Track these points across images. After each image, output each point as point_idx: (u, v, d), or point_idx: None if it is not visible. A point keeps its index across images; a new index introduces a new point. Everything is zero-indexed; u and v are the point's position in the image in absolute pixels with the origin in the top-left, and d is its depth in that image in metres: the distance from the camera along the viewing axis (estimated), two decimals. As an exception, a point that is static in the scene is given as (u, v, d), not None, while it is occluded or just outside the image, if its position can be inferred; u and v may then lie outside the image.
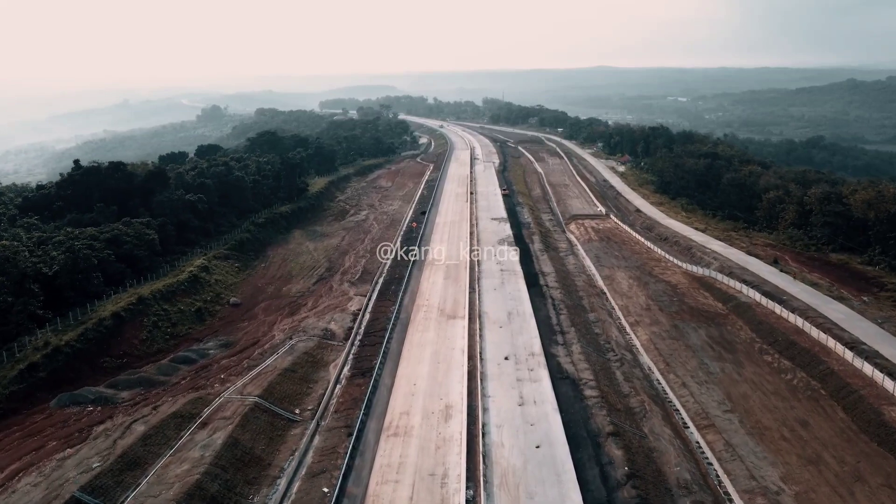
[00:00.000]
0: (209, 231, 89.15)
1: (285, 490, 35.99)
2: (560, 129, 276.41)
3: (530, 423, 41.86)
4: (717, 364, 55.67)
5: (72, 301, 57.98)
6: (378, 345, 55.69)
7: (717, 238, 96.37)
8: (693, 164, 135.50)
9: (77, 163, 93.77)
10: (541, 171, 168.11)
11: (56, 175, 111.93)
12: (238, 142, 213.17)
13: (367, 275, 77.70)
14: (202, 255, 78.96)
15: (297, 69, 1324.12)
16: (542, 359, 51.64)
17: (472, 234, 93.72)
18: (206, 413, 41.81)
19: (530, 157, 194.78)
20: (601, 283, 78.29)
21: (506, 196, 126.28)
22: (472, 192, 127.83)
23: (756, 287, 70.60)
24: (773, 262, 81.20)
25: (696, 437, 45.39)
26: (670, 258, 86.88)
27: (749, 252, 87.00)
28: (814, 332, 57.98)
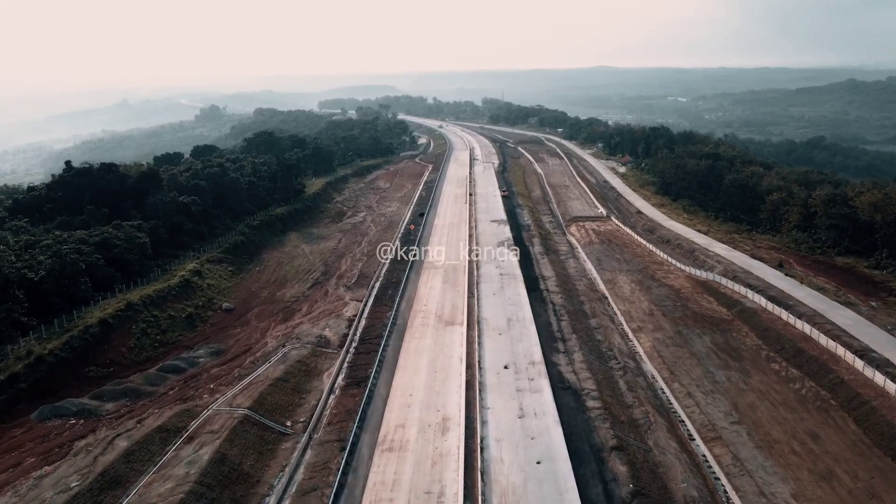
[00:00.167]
0: (203, 234, 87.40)
1: (274, 509, 34.41)
2: (560, 130, 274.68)
3: (531, 437, 40.23)
4: (722, 372, 54.04)
5: (58, 307, 56.20)
6: (374, 353, 54.05)
7: (720, 241, 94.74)
8: (694, 165, 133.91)
9: (68, 164, 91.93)
10: (541, 171, 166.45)
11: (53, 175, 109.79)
12: (236, 142, 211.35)
13: (363, 279, 76.06)
14: (195, 258, 77.18)
15: (296, 69, 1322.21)
16: (543, 367, 50.03)
17: (471, 236, 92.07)
18: (193, 426, 40.14)
19: (530, 157, 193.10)
20: (602, 287, 76.65)
21: (505, 197, 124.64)
22: (471, 194, 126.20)
23: (761, 292, 68.98)
24: (778, 265, 79.58)
25: (703, 451, 43.76)
26: (673, 261, 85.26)
27: (753, 255, 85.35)
28: (822, 339, 56.37)
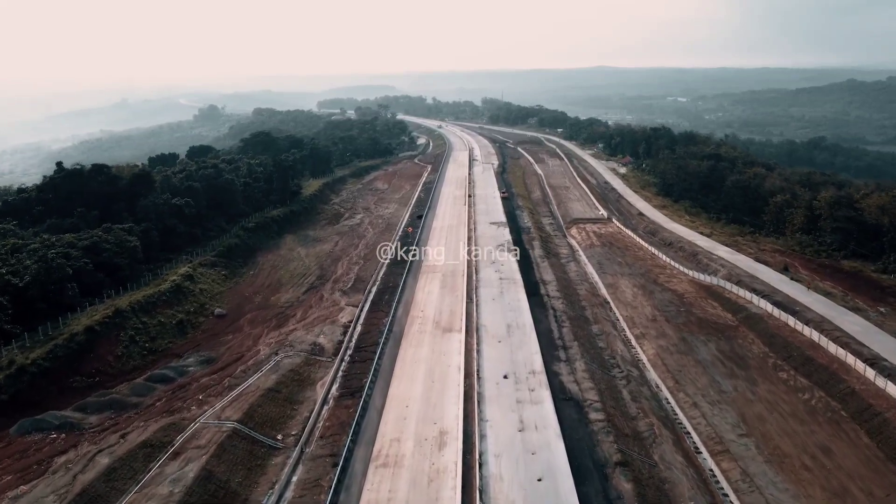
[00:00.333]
0: (196, 237, 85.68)
1: (262, 531, 32.75)
2: (560, 130, 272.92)
3: (531, 452, 38.62)
4: (729, 382, 52.40)
5: (44, 314, 54.41)
6: (369, 361, 52.34)
7: (724, 243, 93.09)
8: (696, 166, 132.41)
9: (60, 165, 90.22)
10: (541, 172, 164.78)
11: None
12: (234, 142, 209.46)
13: (359, 283, 74.36)
14: (188, 262, 75.44)
15: (296, 69, 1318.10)
16: (544, 377, 48.45)
17: (470, 238, 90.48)
18: (179, 441, 38.43)
19: (530, 158, 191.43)
20: (604, 291, 75.00)
21: (505, 199, 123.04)
22: (470, 195, 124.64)
23: (767, 297, 67.38)
24: (784, 269, 77.92)
25: (710, 465, 42.13)
26: (675, 265, 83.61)
27: (757, 259, 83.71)
28: (831, 346, 54.71)
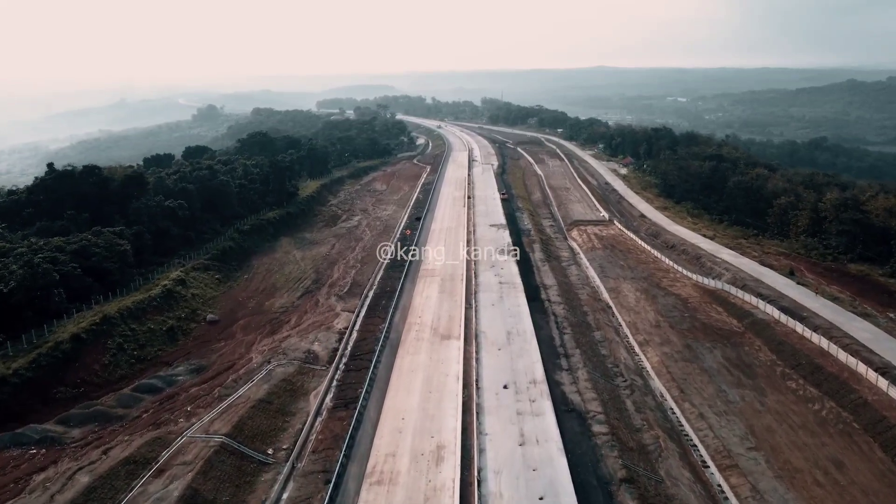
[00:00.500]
0: (190, 239, 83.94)
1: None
2: (560, 130, 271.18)
3: (532, 468, 37.00)
4: (736, 391, 50.76)
5: (29, 321, 52.68)
6: (364, 370, 50.70)
7: (727, 246, 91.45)
8: (698, 167, 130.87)
9: (51, 166, 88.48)
10: (541, 173, 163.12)
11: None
12: (232, 142, 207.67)
13: (356, 287, 72.69)
14: (180, 266, 73.73)
15: (296, 69, 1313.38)
16: (545, 387, 46.87)
17: (469, 241, 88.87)
18: (164, 457, 36.75)
19: (530, 158, 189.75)
20: (606, 296, 73.32)
21: (505, 200, 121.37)
22: (469, 197, 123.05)
23: (773, 302, 65.79)
24: (789, 273, 76.29)
25: (718, 479, 40.50)
26: (679, 268, 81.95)
27: (762, 262, 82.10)
28: (841, 354, 53.14)
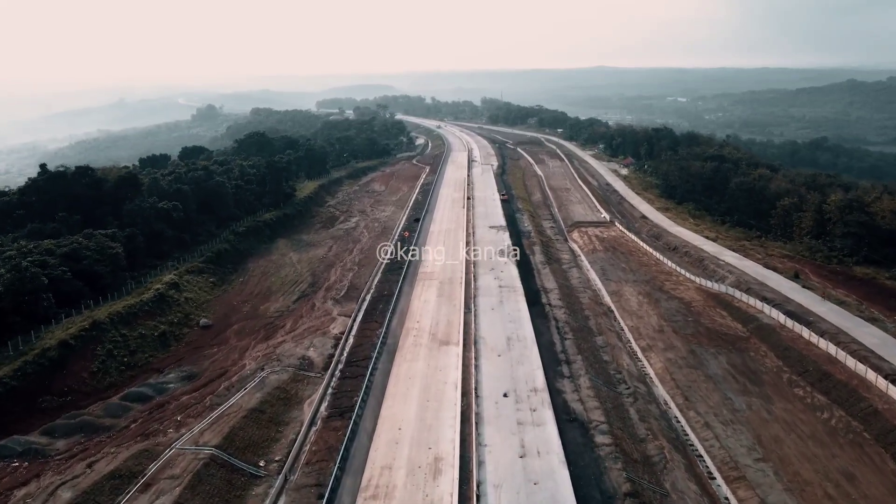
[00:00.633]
0: (185, 241, 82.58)
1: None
2: (560, 130, 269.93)
3: (534, 482, 35.68)
4: (742, 399, 49.42)
5: (16, 327, 51.32)
6: (361, 377, 49.37)
7: (730, 248, 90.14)
8: (699, 168, 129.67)
9: (43, 167, 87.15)
10: (541, 174, 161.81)
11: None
12: (231, 142, 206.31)
13: (353, 291, 71.33)
14: (174, 269, 72.39)
15: (296, 69, 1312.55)
16: (547, 395, 45.56)
17: (468, 244, 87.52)
18: (151, 471, 35.39)
19: (530, 159, 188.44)
20: (608, 300, 71.99)
21: (504, 201, 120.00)
22: (469, 198, 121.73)
23: (778, 306, 64.45)
24: (794, 276, 75.00)
25: (725, 492, 39.14)
26: (682, 271, 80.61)
27: (766, 265, 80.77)
28: (849, 361, 51.77)
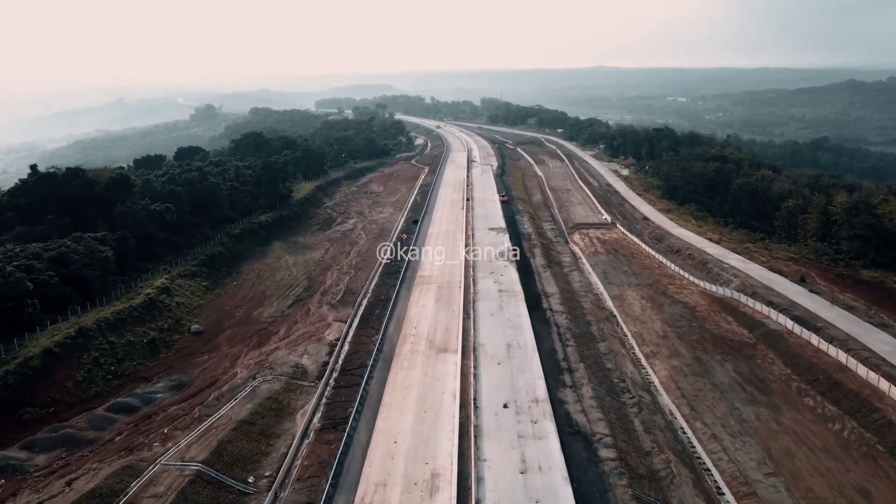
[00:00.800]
0: (178, 244, 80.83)
1: None
2: (560, 130, 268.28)
3: (535, 500, 34.06)
4: (750, 409, 47.80)
5: (1, 335, 49.70)
6: (356, 386, 47.73)
7: (734, 250, 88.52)
8: (701, 168, 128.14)
9: (34, 168, 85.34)
10: (541, 174, 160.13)
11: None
12: (229, 142, 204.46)
13: (349, 295, 69.67)
14: (166, 272, 70.69)
15: (296, 69, 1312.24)
16: (548, 406, 43.92)
17: (467, 246, 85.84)
18: (134, 489, 33.69)
19: (530, 159, 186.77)
20: (610, 304, 70.35)
21: (504, 203, 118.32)
22: (468, 199, 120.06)
23: (785, 311, 62.77)
24: (801, 279, 73.37)
25: (735, 509, 37.57)
26: (685, 274, 78.97)
27: (771, 268, 79.14)
28: (860, 369, 50.14)
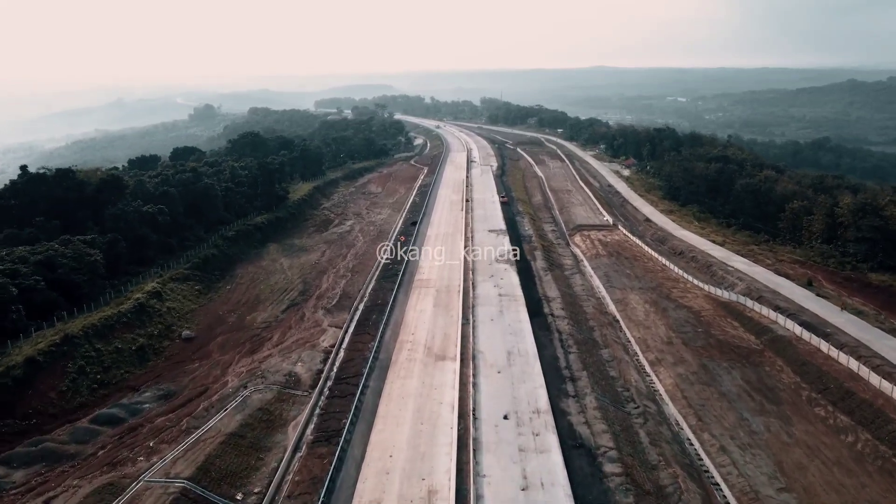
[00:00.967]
0: (171, 247, 79.10)
1: None
2: (560, 130, 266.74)
3: (537, 520, 32.37)
4: (760, 419, 46.11)
5: (-18, 342, 48.20)
6: (350, 396, 46.04)
7: (739, 253, 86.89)
8: (703, 169, 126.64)
9: (24, 169, 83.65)
10: (541, 175, 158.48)
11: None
12: (226, 142, 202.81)
13: (345, 299, 67.98)
14: (157, 276, 68.96)
15: (295, 69, 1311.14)
16: (550, 417, 42.23)
17: (466, 248, 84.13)
18: (115, 509, 32.10)
19: (530, 159, 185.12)
20: (613, 308, 68.67)
21: (504, 204, 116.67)
22: (467, 200, 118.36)
23: (793, 316, 61.09)
24: (808, 283, 71.70)
25: (746, 527, 35.90)
26: (689, 278, 77.27)
27: (777, 271, 77.48)
28: (873, 378, 48.46)
